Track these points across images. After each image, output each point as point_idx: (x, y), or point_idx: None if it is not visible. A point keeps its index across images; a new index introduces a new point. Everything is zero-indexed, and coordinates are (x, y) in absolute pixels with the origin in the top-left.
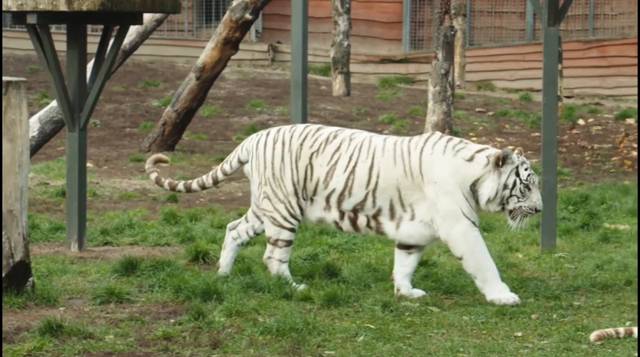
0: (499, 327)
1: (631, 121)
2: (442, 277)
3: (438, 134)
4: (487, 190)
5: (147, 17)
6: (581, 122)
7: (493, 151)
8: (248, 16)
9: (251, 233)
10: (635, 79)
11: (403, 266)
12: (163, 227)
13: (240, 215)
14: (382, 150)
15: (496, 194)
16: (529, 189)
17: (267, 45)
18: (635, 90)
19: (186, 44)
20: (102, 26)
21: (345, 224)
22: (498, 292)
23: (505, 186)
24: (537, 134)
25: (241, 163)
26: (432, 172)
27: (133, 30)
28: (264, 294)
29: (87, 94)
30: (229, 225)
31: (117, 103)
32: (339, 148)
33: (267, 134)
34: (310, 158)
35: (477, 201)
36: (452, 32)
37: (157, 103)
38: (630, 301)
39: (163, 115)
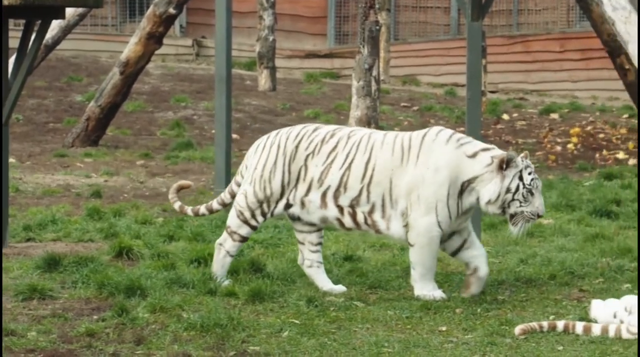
0: (424, 321)
1: (555, 116)
2: (367, 272)
3: (442, 127)
4: (488, 192)
5: (69, 11)
6: (506, 117)
7: (498, 152)
8: (172, 11)
9: (314, 248)
10: (560, 74)
11: (473, 257)
12: (87, 223)
13: (164, 210)
14: (381, 143)
15: (498, 197)
16: (532, 194)
17: (192, 40)
18: (559, 85)
19: (110, 39)
20: (23, 20)
21: (347, 220)
22: (428, 290)
23: (508, 190)
24: (462, 128)
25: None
26: (428, 158)
27: (55, 25)
28: (188, 289)
29: (8, 89)
30: (299, 262)
31: (40, 98)
32: (335, 147)
33: (267, 138)
34: (305, 160)
35: (477, 200)
36: (377, 27)
37: (81, 98)
38: (554, 295)
39: (87, 111)
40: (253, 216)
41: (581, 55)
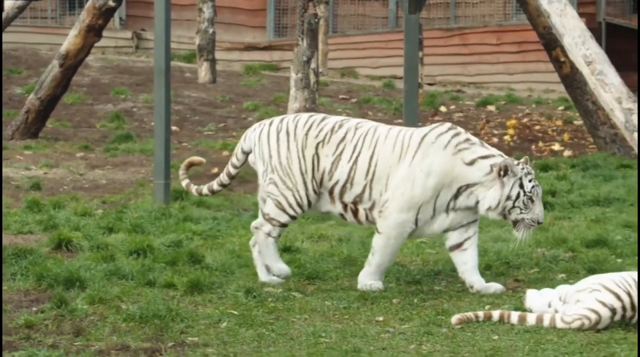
0: (361, 312)
1: (492, 108)
2: (305, 263)
3: (447, 125)
4: (488, 199)
5: (8, 4)
6: (443, 109)
7: (499, 160)
8: (111, 3)
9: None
10: (497, 67)
11: (464, 264)
12: (26, 215)
13: (104, 202)
14: (384, 138)
15: (498, 204)
16: (532, 201)
17: (131, 32)
18: (496, 78)
19: (49, 31)
20: None
21: (349, 216)
22: (373, 279)
23: (508, 197)
24: (399, 120)
25: (245, 153)
26: (423, 161)
27: None
28: (127, 281)
29: None
30: (251, 244)
31: None
32: (344, 138)
33: (270, 124)
34: (316, 148)
35: (475, 204)
36: (316, 20)
37: (20, 90)
38: None
39: (26, 103)
40: (290, 204)
41: (517, 48)
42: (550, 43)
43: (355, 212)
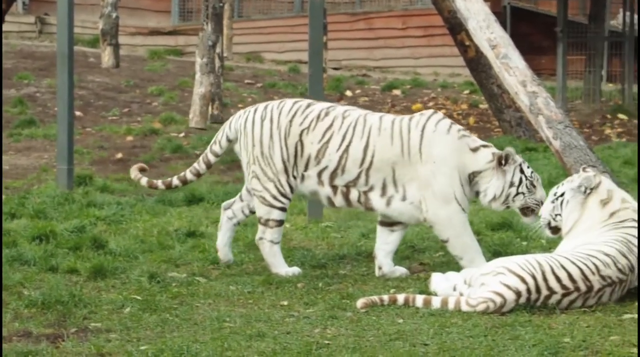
0: (266, 296)
1: (397, 92)
2: (210, 248)
3: (440, 114)
4: (492, 189)
5: None
6: (349, 93)
7: (496, 150)
8: None
9: (247, 211)
10: (402, 51)
11: (386, 243)
12: None
13: (6, 188)
14: (378, 129)
15: (502, 192)
16: (534, 186)
17: (34, 17)
18: (402, 62)
19: None
20: None
21: (338, 200)
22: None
23: (511, 184)
24: None
25: (230, 142)
26: (431, 151)
27: None
28: (30, 267)
29: None
30: (224, 204)
31: None
32: (331, 126)
33: (255, 111)
34: (301, 135)
35: (476, 193)
36: (220, 4)
37: None
38: None
39: None
40: (274, 197)
41: (423, 32)
42: (455, 27)
43: (346, 194)
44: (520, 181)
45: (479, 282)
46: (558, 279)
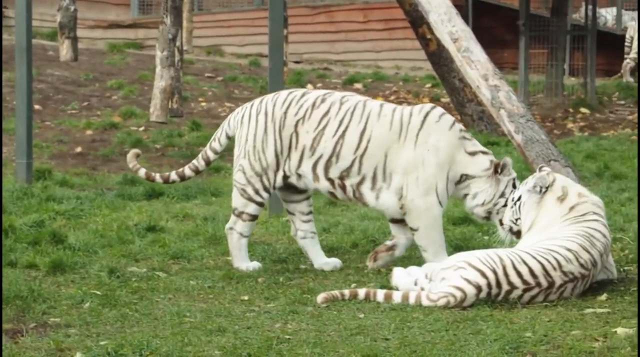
0: (226, 291)
1: (359, 86)
2: (170, 243)
3: (443, 109)
4: (484, 194)
5: None
6: (310, 86)
7: (493, 157)
8: None
9: (305, 218)
10: (364, 44)
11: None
12: None
13: None
14: (377, 115)
15: (492, 200)
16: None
17: None
18: (363, 55)
19: None
20: None
21: (339, 192)
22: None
23: (502, 195)
24: None
25: (229, 138)
26: (428, 138)
27: None
28: None
29: None
30: (292, 234)
31: None
32: (327, 112)
33: (251, 106)
34: (296, 126)
35: (464, 195)
36: None
37: None
38: (356, 263)
39: None
40: (256, 191)
41: (384, 25)
42: (417, 20)
43: (343, 188)
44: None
45: (440, 276)
46: (519, 274)
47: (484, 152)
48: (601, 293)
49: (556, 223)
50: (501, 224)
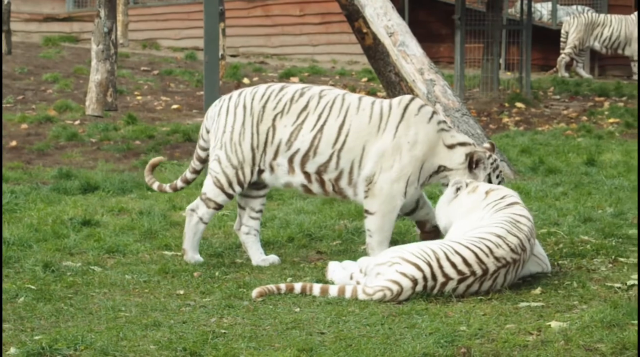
0: (162, 285)
1: (295, 80)
2: (105, 237)
3: (422, 101)
4: None
5: None
6: (246, 81)
7: (471, 149)
8: None
9: (254, 214)
10: (300, 38)
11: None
12: None
13: None
14: (356, 108)
15: None
16: None
17: None
18: (299, 49)
19: None
20: None
21: (315, 187)
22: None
23: None
24: (201, 92)
25: (209, 132)
26: (408, 132)
27: None
28: None
29: None
30: (235, 228)
31: None
32: (306, 106)
33: (229, 99)
34: (274, 120)
35: (443, 186)
36: None
37: None
38: (292, 257)
39: None
40: (230, 183)
41: (321, 19)
42: (353, 14)
43: (321, 183)
44: None
45: (375, 272)
46: (453, 265)
47: (462, 144)
48: (535, 287)
49: (478, 209)
50: None
